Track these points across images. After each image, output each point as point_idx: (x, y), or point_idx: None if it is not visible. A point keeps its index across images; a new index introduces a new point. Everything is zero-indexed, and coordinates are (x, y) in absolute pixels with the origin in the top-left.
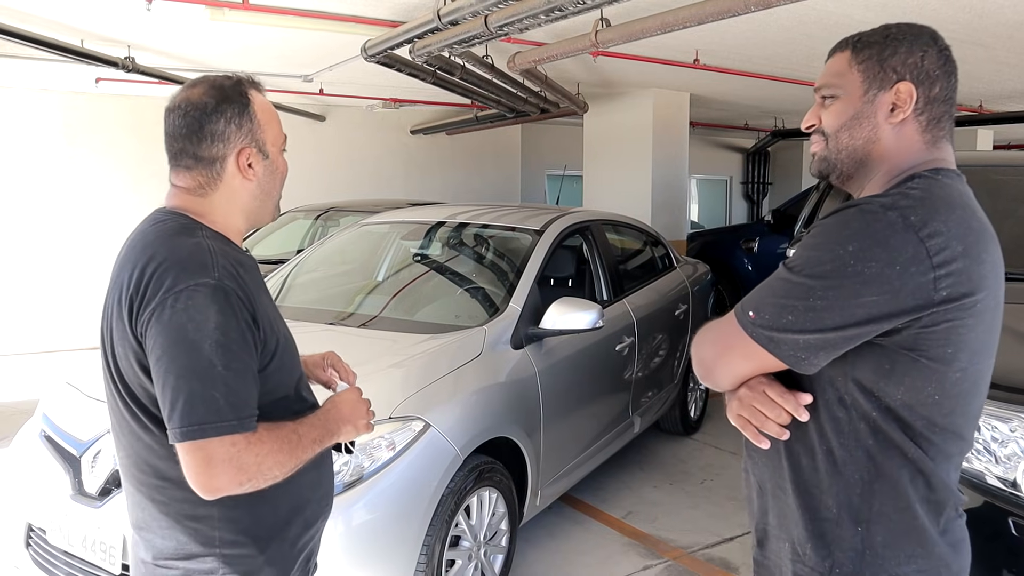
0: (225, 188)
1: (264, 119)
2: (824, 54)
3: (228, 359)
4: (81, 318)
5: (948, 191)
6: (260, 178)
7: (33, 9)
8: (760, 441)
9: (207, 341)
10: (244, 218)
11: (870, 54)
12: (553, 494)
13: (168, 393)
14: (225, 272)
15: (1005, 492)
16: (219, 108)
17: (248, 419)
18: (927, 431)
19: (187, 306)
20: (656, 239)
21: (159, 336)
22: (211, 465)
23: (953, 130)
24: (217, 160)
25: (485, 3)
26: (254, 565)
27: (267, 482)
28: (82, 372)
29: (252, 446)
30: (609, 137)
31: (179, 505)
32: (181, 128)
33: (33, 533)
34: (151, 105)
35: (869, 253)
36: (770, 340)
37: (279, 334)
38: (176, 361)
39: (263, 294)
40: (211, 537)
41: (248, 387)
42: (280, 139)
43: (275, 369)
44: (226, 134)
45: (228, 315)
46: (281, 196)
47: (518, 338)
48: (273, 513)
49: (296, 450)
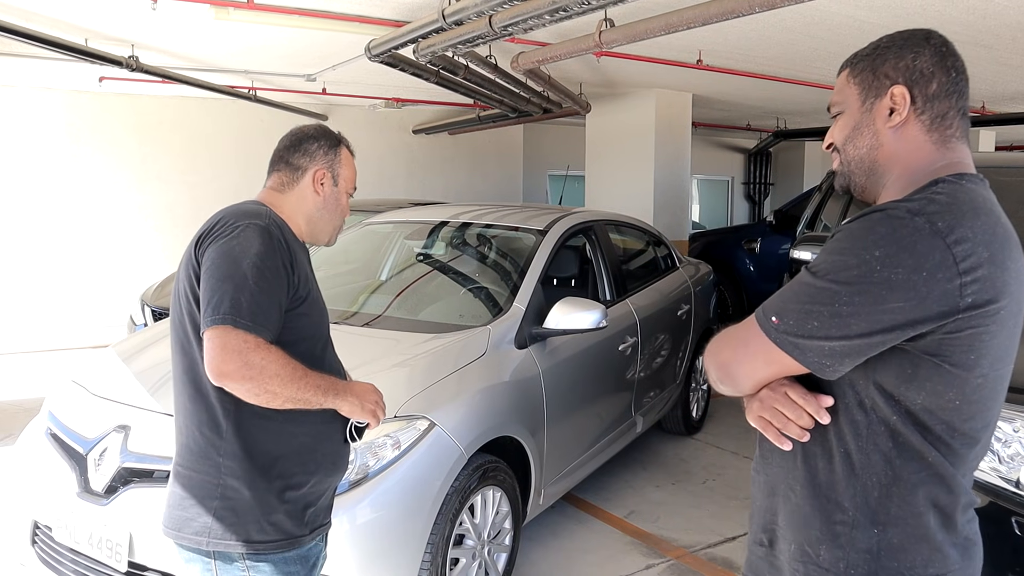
0: (299, 192)
1: (345, 162)
2: (827, 55)
3: (259, 279)
4: (85, 316)
5: (973, 196)
6: (326, 197)
7: (38, 8)
8: (782, 443)
9: (246, 260)
10: (305, 222)
11: (863, 66)
12: (556, 493)
13: (207, 294)
14: (274, 224)
15: (1008, 492)
16: (317, 136)
17: (262, 327)
18: (946, 436)
19: (238, 235)
20: (658, 239)
21: (212, 253)
22: (224, 350)
23: (968, 129)
24: (301, 168)
25: (490, 3)
26: (248, 478)
27: (267, 394)
28: (88, 370)
29: (261, 349)
30: (611, 137)
31: (201, 414)
32: (287, 143)
33: (39, 530)
34: (155, 104)
35: (896, 259)
36: (795, 346)
37: (312, 289)
38: (220, 269)
39: (305, 261)
40: (216, 446)
41: (271, 306)
42: (351, 182)
43: (301, 314)
44: (314, 154)
45: (269, 249)
46: (338, 230)
47: (522, 338)
48: (268, 442)
49: (299, 380)
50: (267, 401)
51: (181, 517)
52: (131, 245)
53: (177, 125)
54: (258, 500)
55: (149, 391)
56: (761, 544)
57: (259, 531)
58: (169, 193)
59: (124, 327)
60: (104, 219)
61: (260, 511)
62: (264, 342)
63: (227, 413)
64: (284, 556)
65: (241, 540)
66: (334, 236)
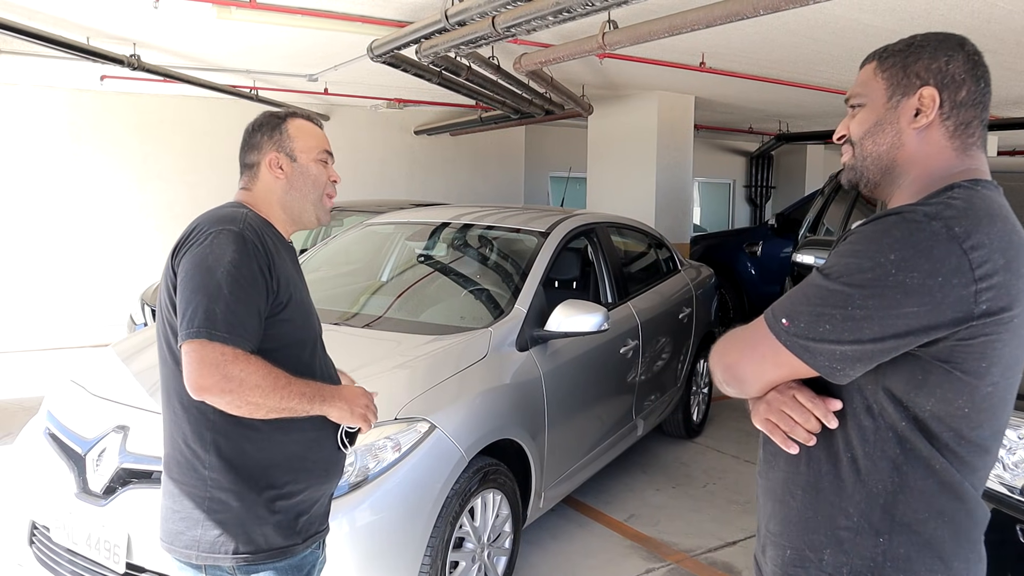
0: (263, 184)
1: (296, 135)
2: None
3: (234, 287)
4: (85, 315)
5: (989, 203)
6: (289, 176)
7: (40, 6)
8: (789, 446)
9: (220, 269)
10: (281, 210)
11: (894, 62)
12: (556, 496)
13: (182, 305)
14: (249, 228)
15: (1013, 499)
16: (259, 126)
17: (239, 338)
18: (954, 444)
19: (211, 243)
20: (660, 242)
21: (186, 263)
22: (201, 364)
23: (986, 137)
24: (254, 164)
25: (493, 4)
26: (235, 489)
27: (248, 406)
28: (87, 370)
29: (239, 361)
30: (613, 139)
31: (184, 427)
32: (241, 144)
33: (37, 531)
34: (156, 103)
35: (911, 263)
36: (805, 349)
37: (294, 292)
38: (194, 280)
39: (292, 265)
40: (201, 458)
41: (247, 315)
42: (314, 150)
43: (283, 320)
44: (259, 145)
45: (243, 255)
46: (324, 203)
47: (523, 340)
48: (255, 451)
49: (282, 390)
50: (250, 412)
51: (172, 530)
52: (132, 244)
53: (179, 124)
54: (247, 512)
55: (148, 391)
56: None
57: (248, 543)
58: (170, 192)
59: (124, 326)
60: (105, 218)
61: (249, 523)
62: (243, 353)
63: (211, 425)
64: (276, 566)
65: (230, 553)
66: (320, 212)
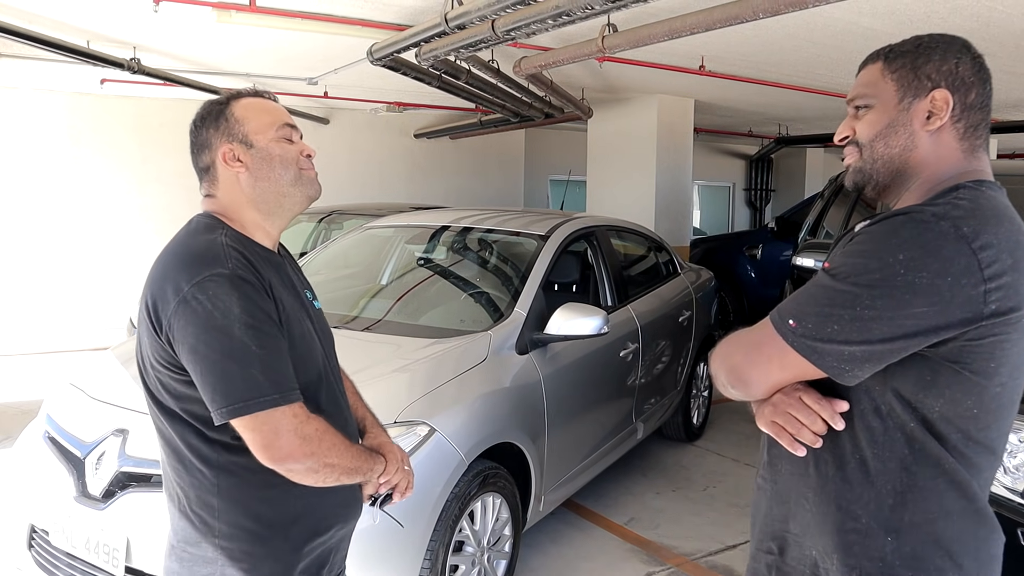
0: (224, 185)
1: (244, 117)
2: (830, 61)
3: (260, 339)
4: (84, 319)
5: (995, 203)
6: (250, 165)
7: (40, 10)
8: (796, 449)
9: (236, 325)
10: (254, 208)
11: (903, 63)
12: (556, 500)
13: (208, 378)
14: (238, 264)
15: (1014, 503)
16: (201, 121)
17: (290, 391)
18: (962, 444)
19: (208, 296)
20: (660, 245)
21: (189, 327)
22: (277, 435)
23: (989, 139)
24: (208, 165)
25: (493, 7)
26: (253, 560)
27: (327, 469)
28: (86, 373)
29: (311, 420)
30: (613, 142)
31: (188, 491)
32: (190, 148)
33: (36, 534)
34: (156, 107)
35: (920, 263)
36: (812, 350)
37: (296, 326)
38: (211, 347)
39: (285, 289)
40: (211, 527)
41: (283, 363)
42: (270, 127)
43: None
44: (208, 141)
45: (249, 299)
46: (305, 176)
47: (523, 343)
48: (272, 512)
49: (348, 447)
50: (324, 477)
51: None
52: (131, 247)
53: (178, 128)
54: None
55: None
56: (770, 552)
57: None
58: (169, 195)
59: (123, 330)
60: (104, 221)
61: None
62: (302, 408)
63: (218, 490)
64: None
65: None
66: (305, 188)
